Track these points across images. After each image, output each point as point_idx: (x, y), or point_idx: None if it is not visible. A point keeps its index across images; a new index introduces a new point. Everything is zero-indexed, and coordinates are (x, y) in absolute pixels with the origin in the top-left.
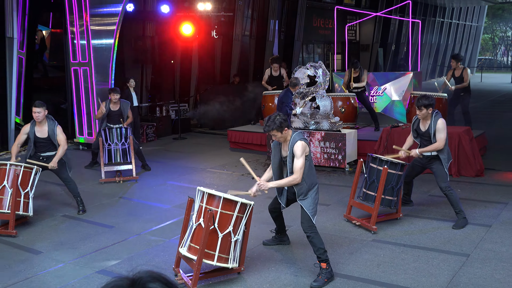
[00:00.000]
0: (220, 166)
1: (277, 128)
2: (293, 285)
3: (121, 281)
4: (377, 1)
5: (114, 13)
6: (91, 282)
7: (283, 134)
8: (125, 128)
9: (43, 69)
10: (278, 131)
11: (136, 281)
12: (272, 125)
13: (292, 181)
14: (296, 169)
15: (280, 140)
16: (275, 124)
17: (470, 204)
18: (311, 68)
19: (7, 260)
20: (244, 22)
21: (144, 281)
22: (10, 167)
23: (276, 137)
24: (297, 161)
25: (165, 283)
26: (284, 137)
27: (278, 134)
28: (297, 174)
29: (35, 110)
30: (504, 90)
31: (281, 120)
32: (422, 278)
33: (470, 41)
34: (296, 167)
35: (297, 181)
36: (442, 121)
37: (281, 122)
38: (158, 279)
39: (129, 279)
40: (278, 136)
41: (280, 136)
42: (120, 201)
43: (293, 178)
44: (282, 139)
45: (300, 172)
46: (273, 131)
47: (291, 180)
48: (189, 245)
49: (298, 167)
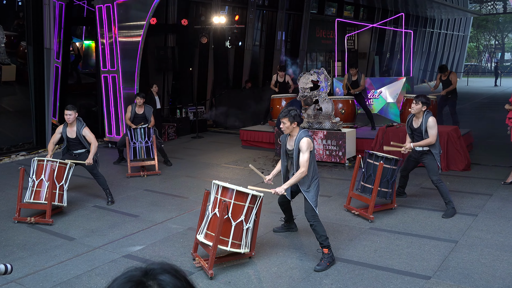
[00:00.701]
0: (233, 161)
1: (289, 117)
2: (298, 268)
3: (135, 271)
4: (374, 13)
5: (139, 26)
6: (118, 266)
7: (291, 125)
8: (149, 128)
9: (76, 76)
10: (289, 120)
11: (149, 272)
12: (286, 114)
13: (301, 175)
14: (302, 163)
15: (286, 130)
16: (289, 114)
17: (458, 195)
18: (314, 74)
19: (45, 246)
20: (255, 33)
21: (156, 272)
22: (47, 162)
23: (284, 125)
24: (303, 156)
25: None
26: (291, 129)
27: (287, 123)
28: (304, 167)
29: (67, 113)
30: (488, 93)
31: (295, 114)
32: (415, 262)
33: (458, 49)
34: (302, 161)
35: (305, 173)
36: (432, 119)
37: (295, 115)
38: (168, 271)
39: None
40: (287, 125)
41: (288, 126)
42: (144, 193)
43: (300, 172)
44: (288, 130)
45: (306, 165)
46: (285, 119)
47: (299, 174)
48: (205, 233)
49: (304, 161)
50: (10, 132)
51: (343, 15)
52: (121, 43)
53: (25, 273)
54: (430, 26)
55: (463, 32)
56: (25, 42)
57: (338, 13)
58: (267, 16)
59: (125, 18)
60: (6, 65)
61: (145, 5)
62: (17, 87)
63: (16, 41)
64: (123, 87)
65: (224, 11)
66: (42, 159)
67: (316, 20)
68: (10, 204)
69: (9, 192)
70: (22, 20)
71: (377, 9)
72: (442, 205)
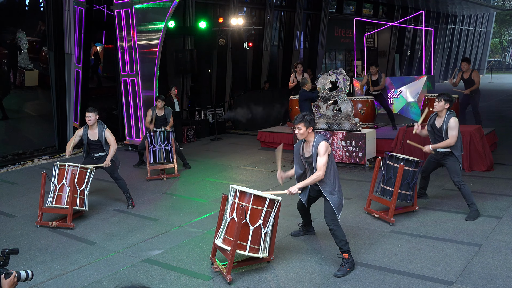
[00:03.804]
0: (252, 163)
1: (305, 122)
2: (317, 273)
3: None
4: (393, 11)
5: (158, 29)
6: (137, 270)
7: (306, 130)
8: (168, 131)
9: (97, 80)
10: (305, 125)
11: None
12: (301, 119)
13: (317, 178)
14: (320, 166)
15: (301, 136)
16: (305, 119)
17: (482, 197)
18: (333, 75)
19: (66, 250)
20: (273, 34)
21: None
22: (68, 167)
23: (299, 131)
24: (321, 159)
25: None
26: (306, 134)
27: (303, 129)
28: (321, 171)
29: (88, 115)
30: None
31: (310, 119)
32: (437, 267)
33: (480, 45)
34: (319, 164)
35: (321, 177)
36: (454, 120)
37: (310, 120)
38: None
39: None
40: (302, 130)
41: (303, 131)
42: (164, 196)
43: (317, 175)
44: (303, 136)
45: (323, 168)
46: (300, 124)
47: (315, 177)
48: (223, 237)
49: (321, 164)
50: (33, 136)
51: (362, 13)
52: (139, 46)
53: (47, 277)
54: (452, 22)
55: (486, 28)
56: (47, 48)
57: (357, 11)
58: (285, 17)
59: (143, 22)
60: (29, 70)
61: (163, 8)
62: (39, 92)
63: (38, 46)
64: (142, 91)
65: (242, 12)
66: (63, 164)
67: (335, 19)
68: (33, 208)
69: (32, 196)
70: (44, 26)
71: (397, 6)
72: (465, 207)
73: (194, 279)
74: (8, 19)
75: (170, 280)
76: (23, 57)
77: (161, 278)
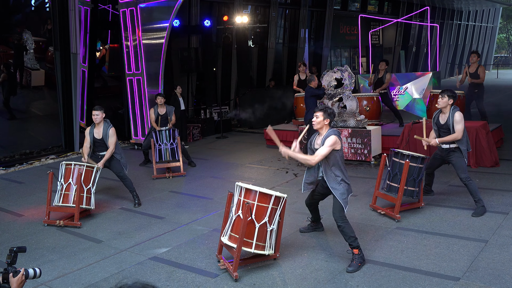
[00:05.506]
0: (258, 161)
1: (325, 113)
2: (323, 269)
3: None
4: (398, 7)
5: (163, 28)
6: (144, 268)
7: (323, 121)
8: (173, 129)
9: (102, 80)
10: (323, 115)
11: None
12: (323, 108)
13: (308, 160)
14: (318, 153)
15: (317, 125)
16: (326, 110)
17: (488, 193)
18: (338, 72)
19: (73, 248)
20: (278, 31)
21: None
22: (75, 166)
23: (316, 119)
24: (323, 148)
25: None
26: (322, 125)
27: (321, 118)
28: (316, 158)
29: (94, 113)
30: None
31: (331, 112)
32: (443, 263)
33: (486, 41)
34: (319, 151)
35: (311, 162)
36: (459, 114)
37: (330, 113)
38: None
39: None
40: (319, 119)
41: (320, 120)
42: (170, 195)
43: (311, 157)
44: (319, 125)
45: (319, 158)
46: (320, 112)
47: (308, 158)
48: (229, 235)
49: (320, 153)
50: (40, 136)
51: (367, 10)
52: (145, 45)
53: (55, 276)
54: (457, 18)
55: (492, 23)
56: (53, 47)
57: (362, 8)
58: (290, 14)
59: (148, 21)
60: (35, 70)
61: (168, 7)
62: (46, 92)
63: (44, 46)
64: (147, 89)
65: (246, 10)
66: (69, 163)
67: (340, 16)
68: (40, 207)
69: (40, 195)
70: (50, 25)
71: (402, 2)
72: (471, 203)
73: (200, 276)
74: (14, 20)
75: (176, 278)
76: (30, 57)
77: (168, 276)
